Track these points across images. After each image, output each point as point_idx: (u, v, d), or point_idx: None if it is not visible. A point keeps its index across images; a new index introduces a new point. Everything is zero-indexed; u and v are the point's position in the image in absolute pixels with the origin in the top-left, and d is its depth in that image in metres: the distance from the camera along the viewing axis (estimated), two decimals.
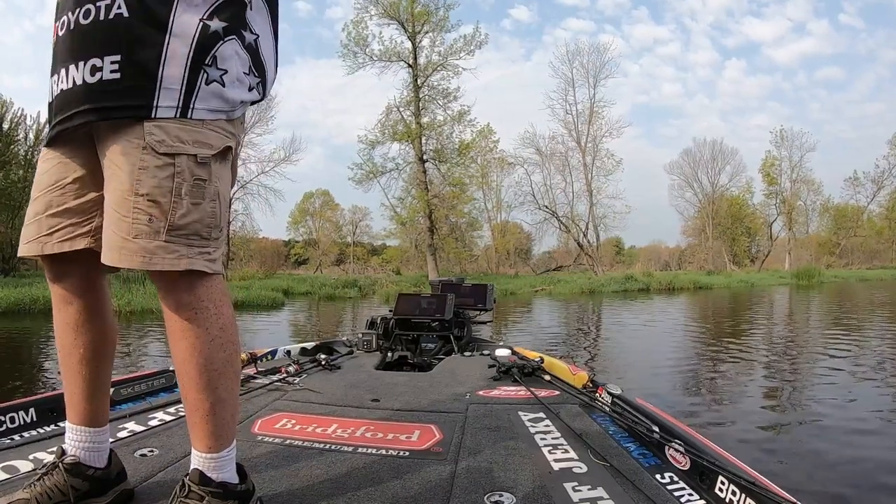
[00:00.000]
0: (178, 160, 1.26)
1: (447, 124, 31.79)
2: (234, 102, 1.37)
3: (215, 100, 1.32)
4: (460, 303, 4.73)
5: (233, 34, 1.34)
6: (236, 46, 1.35)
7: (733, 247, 48.59)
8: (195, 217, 1.28)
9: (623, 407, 2.45)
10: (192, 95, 1.28)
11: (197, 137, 1.29)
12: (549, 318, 14.62)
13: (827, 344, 8.74)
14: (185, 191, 1.26)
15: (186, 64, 1.27)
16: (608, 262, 41.46)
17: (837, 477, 3.42)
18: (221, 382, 1.36)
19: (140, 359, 7.97)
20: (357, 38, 30.49)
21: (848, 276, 38.25)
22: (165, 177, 1.25)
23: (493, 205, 43.71)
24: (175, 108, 1.26)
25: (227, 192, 1.41)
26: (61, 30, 1.32)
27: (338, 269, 45.91)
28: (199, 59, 1.28)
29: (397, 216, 32.99)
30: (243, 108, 1.44)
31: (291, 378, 3.12)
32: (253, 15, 1.40)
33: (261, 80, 1.45)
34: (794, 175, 47.58)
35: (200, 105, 1.29)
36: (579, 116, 38.73)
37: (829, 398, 5.23)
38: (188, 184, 1.27)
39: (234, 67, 1.34)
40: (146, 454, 1.89)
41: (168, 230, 1.25)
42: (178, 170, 1.26)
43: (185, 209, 1.26)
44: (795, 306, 18.05)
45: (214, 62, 1.30)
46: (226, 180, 1.39)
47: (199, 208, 1.29)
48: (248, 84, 1.41)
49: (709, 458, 1.75)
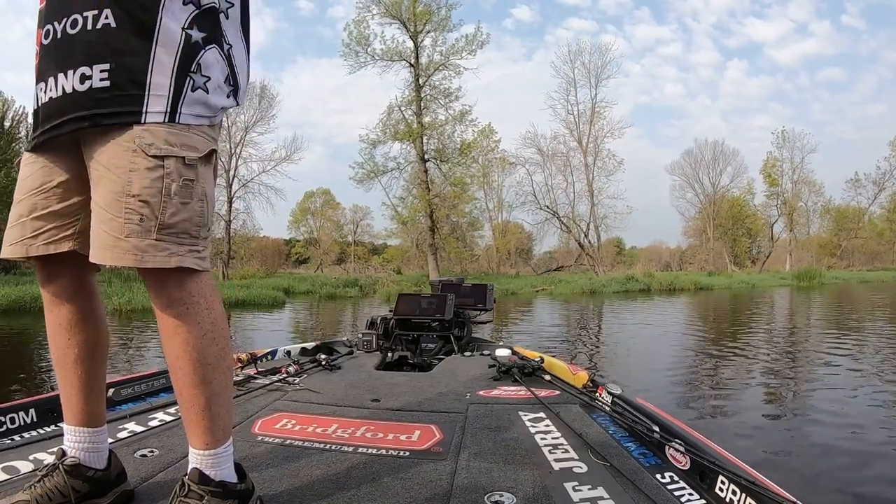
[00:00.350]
0: (167, 162, 1.29)
1: (449, 124, 31.86)
2: (216, 108, 1.42)
3: (199, 106, 1.37)
4: (460, 303, 4.73)
5: (212, 43, 1.39)
6: (217, 55, 1.40)
7: (734, 248, 48.60)
8: (184, 216, 1.32)
9: (623, 407, 2.45)
10: (179, 101, 1.32)
11: (184, 141, 1.33)
12: (550, 319, 14.63)
13: (828, 345, 8.75)
14: (174, 191, 1.30)
15: (173, 72, 1.31)
16: (609, 263, 41.45)
17: (838, 477, 3.43)
18: (216, 377, 1.39)
19: (141, 357, 7.98)
20: (359, 37, 30.56)
21: (849, 277, 38.25)
22: (155, 178, 1.29)
23: (495, 204, 43.81)
24: (164, 114, 1.30)
25: (213, 193, 1.45)
26: (46, 39, 1.34)
27: (339, 268, 46.00)
28: (184, 66, 1.33)
29: (398, 216, 33.02)
30: (223, 114, 1.48)
31: (291, 378, 3.12)
32: (227, 25, 1.44)
33: (234, 88, 1.49)
34: (795, 176, 47.63)
35: (186, 110, 1.34)
36: (581, 117, 38.77)
37: (829, 399, 5.23)
38: (177, 184, 1.30)
39: (215, 75, 1.40)
40: (146, 454, 1.89)
41: (159, 229, 1.29)
42: (168, 171, 1.29)
43: (174, 208, 1.30)
44: (796, 307, 18.05)
45: (199, 70, 1.35)
46: (211, 182, 1.43)
47: (187, 207, 1.33)
48: (227, 91, 1.46)
49: (709, 458, 1.75)
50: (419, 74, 31.21)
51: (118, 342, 9.53)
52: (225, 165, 30.60)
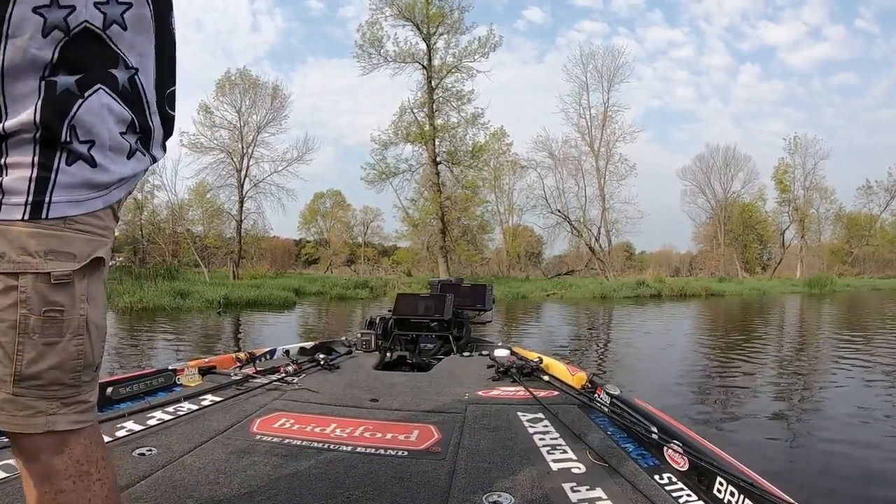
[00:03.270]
0: (23, 281, 0.91)
1: (461, 126, 31.84)
2: (110, 182, 1.01)
3: (82, 187, 0.97)
4: (459, 303, 4.72)
5: (96, 83, 0.96)
6: (105, 97, 0.98)
7: (744, 254, 48.35)
8: (51, 362, 0.95)
9: (622, 408, 2.45)
10: (48, 186, 0.93)
11: (51, 246, 0.93)
12: (560, 323, 14.61)
13: (838, 355, 8.67)
14: (33, 326, 0.93)
15: (34, 147, 0.92)
16: (619, 267, 41.30)
17: (839, 482, 3.41)
18: None
19: (146, 356, 8.06)
20: (372, 38, 30.60)
21: (860, 285, 37.97)
22: (6, 307, 0.92)
23: (506, 208, 43.73)
24: (22, 207, 0.91)
25: (102, 318, 1.05)
26: None
27: (348, 269, 46.03)
28: (49, 136, 0.93)
29: (409, 218, 33.04)
30: (129, 184, 1.07)
31: (290, 378, 3.13)
32: (129, 38, 1.01)
33: (143, 135, 1.07)
34: (807, 182, 47.32)
35: (60, 197, 0.94)
36: (593, 121, 38.66)
37: (835, 407, 5.20)
38: (36, 316, 0.93)
39: (104, 131, 0.98)
40: (144, 453, 1.90)
41: (15, 381, 0.93)
42: (24, 296, 0.92)
43: (35, 352, 0.93)
44: (807, 315, 17.93)
45: (74, 134, 0.94)
46: (100, 300, 1.03)
47: (55, 349, 0.95)
48: (129, 146, 1.04)
49: (707, 459, 1.75)
50: (431, 77, 31.20)
51: (125, 341, 9.60)
52: (237, 165, 30.72)
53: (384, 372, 3.73)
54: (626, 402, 2.47)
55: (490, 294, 4.96)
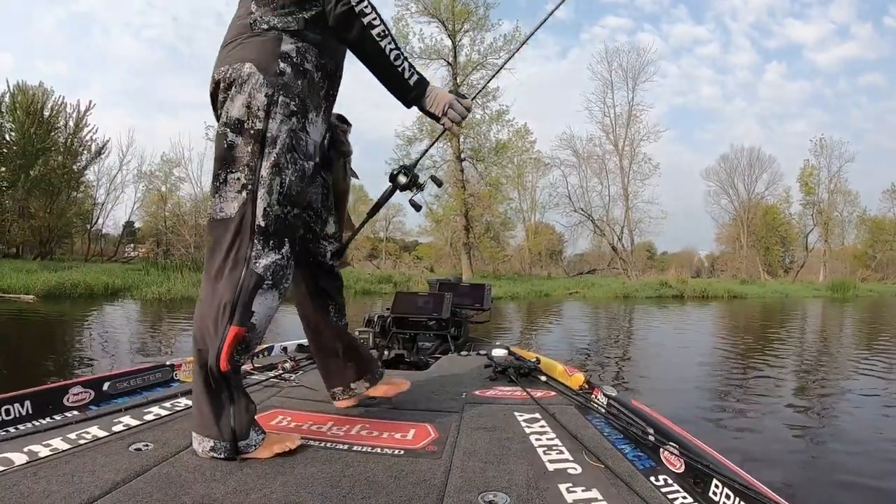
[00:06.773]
0: None
1: (485, 123, 31.84)
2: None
3: None
4: (458, 302, 4.71)
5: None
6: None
7: (767, 256, 47.95)
8: None
9: (618, 409, 2.45)
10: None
11: None
12: (583, 322, 14.69)
13: (858, 362, 8.57)
14: None
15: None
16: (640, 267, 41.13)
17: (844, 495, 3.40)
18: None
19: (169, 344, 8.27)
20: (397, 34, 30.64)
21: (883, 290, 37.53)
22: None
23: (528, 205, 43.69)
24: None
25: None
26: None
27: (370, 264, 46.16)
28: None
29: (432, 214, 33.14)
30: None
31: (287, 374, 3.10)
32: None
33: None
34: (831, 185, 46.85)
35: None
36: (617, 119, 38.54)
37: (854, 421, 5.11)
38: None
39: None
40: (141, 448, 1.89)
41: None
42: None
43: None
44: (829, 320, 17.77)
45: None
46: None
47: None
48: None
49: (704, 462, 1.76)
50: (457, 73, 31.26)
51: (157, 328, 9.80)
52: None
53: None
54: (623, 403, 2.47)
55: (489, 294, 4.93)
